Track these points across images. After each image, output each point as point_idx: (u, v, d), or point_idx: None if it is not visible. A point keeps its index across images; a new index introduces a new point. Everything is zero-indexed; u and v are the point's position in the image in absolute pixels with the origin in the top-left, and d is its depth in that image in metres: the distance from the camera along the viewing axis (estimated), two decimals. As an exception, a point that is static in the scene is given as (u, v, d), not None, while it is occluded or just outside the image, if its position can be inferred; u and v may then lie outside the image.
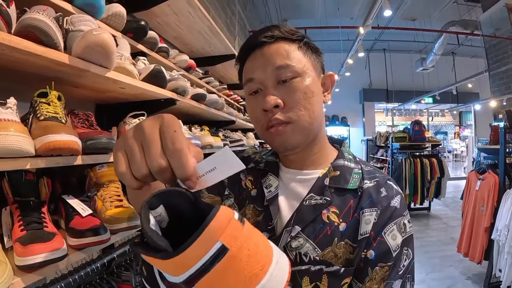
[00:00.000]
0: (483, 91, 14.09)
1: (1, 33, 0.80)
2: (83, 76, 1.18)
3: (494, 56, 10.35)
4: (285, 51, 0.85)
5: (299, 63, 0.85)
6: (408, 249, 0.84)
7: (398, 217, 0.84)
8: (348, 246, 0.81)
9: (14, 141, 0.80)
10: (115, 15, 1.49)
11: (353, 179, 0.89)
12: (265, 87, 0.85)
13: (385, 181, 0.90)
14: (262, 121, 0.86)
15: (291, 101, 0.83)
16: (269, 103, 0.82)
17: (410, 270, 0.85)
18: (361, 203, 0.85)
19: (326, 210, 0.84)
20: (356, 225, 0.83)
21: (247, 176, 1.01)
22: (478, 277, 4.16)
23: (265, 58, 0.85)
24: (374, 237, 0.81)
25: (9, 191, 1.07)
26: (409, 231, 0.85)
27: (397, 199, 0.87)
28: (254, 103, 0.87)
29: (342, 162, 0.93)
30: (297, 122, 0.84)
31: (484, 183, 3.96)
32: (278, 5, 10.59)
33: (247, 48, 0.89)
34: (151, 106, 1.76)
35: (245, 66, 0.90)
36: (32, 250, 0.89)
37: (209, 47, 3.04)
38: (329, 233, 0.82)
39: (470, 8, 10.84)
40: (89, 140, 1.11)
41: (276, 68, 0.83)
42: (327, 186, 0.87)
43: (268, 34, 0.86)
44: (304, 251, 0.81)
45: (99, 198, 1.36)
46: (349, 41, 11.32)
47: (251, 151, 1.13)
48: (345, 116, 17.09)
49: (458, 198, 4.61)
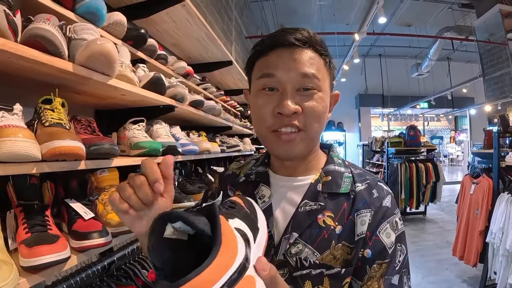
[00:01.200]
0: (478, 95, 14.16)
1: (9, 42, 0.83)
2: (85, 84, 1.22)
3: (489, 61, 10.42)
4: (315, 62, 0.84)
5: (323, 79, 0.86)
6: (401, 245, 0.87)
7: (390, 216, 0.88)
8: (346, 247, 0.84)
9: (23, 147, 0.83)
10: (116, 23, 1.53)
11: (345, 183, 0.92)
12: (284, 89, 0.83)
13: (375, 183, 0.93)
14: (270, 122, 0.85)
15: (309, 110, 0.83)
16: (289, 109, 0.81)
17: (405, 265, 0.88)
18: (355, 205, 0.88)
19: (321, 215, 0.86)
20: (352, 227, 0.85)
21: (235, 192, 1.03)
22: (474, 279, 4.19)
23: (293, 60, 0.83)
24: (369, 236, 0.85)
25: (14, 194, 1.10)
26: (401, 228, 0.89)
27: (388, 199, 0.90)
28: (266, 101, 0.85)
29: (332, 167, 0.96)
30: (308, 132, 0.85)
31: (478, 187, 4.00)
32: (274, 10, 10.63)
33: (270, 44, 0.86)
34: (150, 112, 1.79)
35: (265, 61, 0.87)
36: (37, 252, 0.92)
37: (206, 53, 3.08)
38: (326, 236, 0.84)
39: (464, 14, 10.95)
40: (92, 146, 1.14)
41: (303, 75, 0.82)
42: (320, 191, 0.89)
43: (301, 38, 0.84)
44: (303, 256, 0.83)
45: (100, 202, 1.39)
46: (345, 47, 11.38)
47: (235, 167, 1.13)
48: (341, 121, 17.11)
49: (454, 202, 4.64)
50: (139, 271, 1.59)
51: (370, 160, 10.49)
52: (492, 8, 9.41)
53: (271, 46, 0.85)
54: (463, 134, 19.22)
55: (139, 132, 1.61)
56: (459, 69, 15.34)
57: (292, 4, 10.76)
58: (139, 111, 1.75)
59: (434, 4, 10.60)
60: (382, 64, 16.39)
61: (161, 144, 1.63)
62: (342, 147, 17.39)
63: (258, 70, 0.88)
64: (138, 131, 1.61)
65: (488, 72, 10.49)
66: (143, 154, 1.52)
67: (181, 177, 2.37)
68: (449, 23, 11.22)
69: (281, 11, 10.99)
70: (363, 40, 9.32)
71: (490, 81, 10.50)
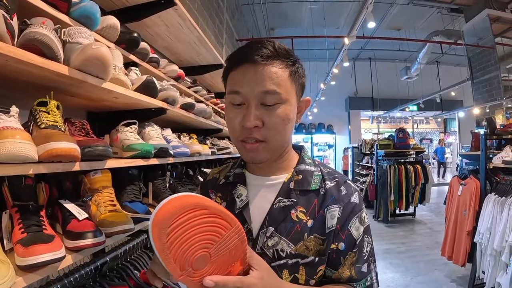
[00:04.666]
0: (466, 98, 14.32)
1: (8, 46, 0.86)
2: (80, 87, 1.24)
3: (478, 65, 10.59)
4: (276, 76, 0.90)
5: (286, 91, 0.92)
6: (368, 237, 1.00)
7: (358, 212, 0.99)
8: (317, 239, 0.95)
9: (21, 148, 0.85)
10: (110, 27, 1.55)
11: (314, 181, 1.01)
12: (248, 104, 0.91)
13: (344, 181, 1.03)
14: (238, 133, 0.94)
15: (269, 124, 0.91)
16: (250, 123, 0.89)
17: (371, 254, 1.02)
18: (325, 201, 0.98)
19: (294, 210, 0.96)
20: (322, 220, 0.96)
21: (216, 194, 1.12)
22: (463, 279, 4.26)
23: (255, 77, 0.89)
24: (341, 229, 0.96)
25: (9, 195, 1.11)
26: (367, 222, 1.02)
27: (356, 195, 1.01)
28: (235, 115, 0.93)
29: (303, 166, 1.05)
30: (270, 142, 0.93)
31: (466, 188, 4.07)
32: (265, 14, 10.71)
33: (239, 60, 0.93)
34: (142, 115, 1.81)
35: (234, 76, 0.94)
36: (34, 251, 0.94)
37: (197, 57, 3.10)
38: (299, 229, 0.94)
39: (453, 18, 11.12)
40: (86, 148, 1.16)
41: (264, 92, 0.89)
42: (292, 189, 0.99)
43: (263, 54, 0.90)
44: (280, 247, 0.93)
45: (93, 203, 1.40)
46: (335, 50, 11.47)
47: (215, 171, 1.22)
48: (331, 124, 17.23)
49: (443, 203, 4.71)
50: (131, 272, 1.61)
51: (360, 163, 10.54)
52: (481, 12, 9.58)
53: (239, 61, 0.93)
54: (452, 136, 19.40)
55: (131, 134, 1.63)
56: (448, 72, 15.55)
57: (283, 8, 10.84)
58: (131, 114, 1.77)
59: (423, 8, 10.76)
60: (372, 67, 16.54)
61: (153, 146, 1.65)
62: (332, 150, 17.49)
63: (229, 84, 0.97)
64: (130, 133, 1.63)
65: (477, 75, 10.66)
66: (135, 156, 1.55)
67: (172, 179, 2.38)
68: (438, 27, 11.39)
69: (272, 14, 11.06)
70: (353, 43, 9.37)
71: (478, 84, 10.66)
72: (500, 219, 3.32)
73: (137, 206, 1.60)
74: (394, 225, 7.52)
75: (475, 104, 11.07)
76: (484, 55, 10.25)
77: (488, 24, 9.61)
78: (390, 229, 7.12)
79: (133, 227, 1.39)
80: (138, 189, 1.74)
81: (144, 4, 2.01)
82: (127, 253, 1.67)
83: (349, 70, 15.24)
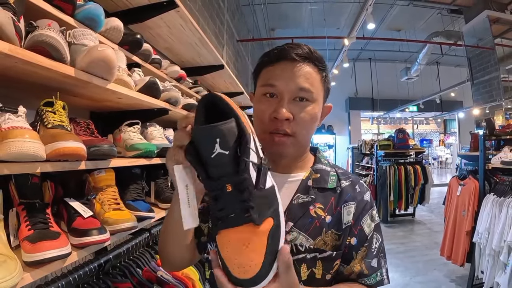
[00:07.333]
0: (466, 99, 14.33)
1: (17, 48, 0.88)
2: (85, 87, 1.27)
3: (478, 66, 10.59)
4: (310, 76, 0.97)
5: (317, 92, 0.98)
6: (377, 234, 1.05)
7: (370, 209, 1.06)
8: (334, 234, 0.99)
9: (30, 147, 0.88)
10: (113, 29, 1.57)
11: (331, 180, 1.07)
12: (282, 97, 0.95)
13: (358, 180, 1.11)
14: (267, 125, 0.97)
15: (299, 119, 0.95)
16: (283, 115, 0.93)
17: (382, 250, 1.06)
18: (342, 198, 1.03)
19: (312, 206, 1.00)
20: (339, 217, 1.01)
21: None
22: (462, 279, 4.29)
23: (293, 73, 0.95)
24: (354, 225, 1.02)
25: (16, 193, 1.13)
26: (377, 220, 1.08)
27: (368, 194, 1.09)
28: (266, 106, 0.97)
29: (320, 166, 1.10)
30: (297, 137, 0.97)
31: (465, 189, 4.09)
32: (266, 14, 10.71)
33: (277, 56, 0.99)
34: (145, 115, 1.84)
35: (270, 70, 0.99)
36: (41, 247, 0.97)
37: (199, 57, 3.12)
38: (318, 225, 0.98)
39: (453, 19, 11.12)
40: (92, 147, 1.19)
41: (300, 88, 0.95)
42: (311, 186, 1.03)
43: (302, 54, 0.96)
44: (299, 242, 0.96)
45: (97, 201, 1.43)
46: (336, 51, 11.51)
47: None
48: (331, 124, 17.23)
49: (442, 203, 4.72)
50: (134, 270, 1.64)
51: (360, 163, 10.55)
52: (481, 14, 9.59)
53: (277, 58, 0.99)
54: (452, 137, 19.43)
55: (134, 134, 1.65)
56: (448, 73, 15.55)
57: (284, 8, 10.83)
58: (133, 114, 1.80)
59: (423, 9, 10.75)
60: (372, 68, 16.55)
61: (155, 146, 1.68)
62: (332, 150, 17.49)
63: (263, 78, 1.02)
64: (133, 133, 1.66)
65: (477, 76, 10.66)
66: (138, 155, 1.58)
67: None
68: (438, 28, 11.40)
69: (273, 15, 11.06)
70: (353, 44, 9.42)
71: (478, 85, 10.67)
72: (498, 219, 3.35)
73: (140, 204, 1.62)
74: (393, 225, 7.55)
75: (475, 105, 11.09)
76: (484, 56, 10.26)
77: (488, 25, 9.63)
78: (389, 229, 7.14)
79: (137, 225, 1.42)
80: (141, 188, 1.77)
81: (147, 6, 2.03)
82: (129, 251, 1.70)
83: (349, 70, 15.25)
